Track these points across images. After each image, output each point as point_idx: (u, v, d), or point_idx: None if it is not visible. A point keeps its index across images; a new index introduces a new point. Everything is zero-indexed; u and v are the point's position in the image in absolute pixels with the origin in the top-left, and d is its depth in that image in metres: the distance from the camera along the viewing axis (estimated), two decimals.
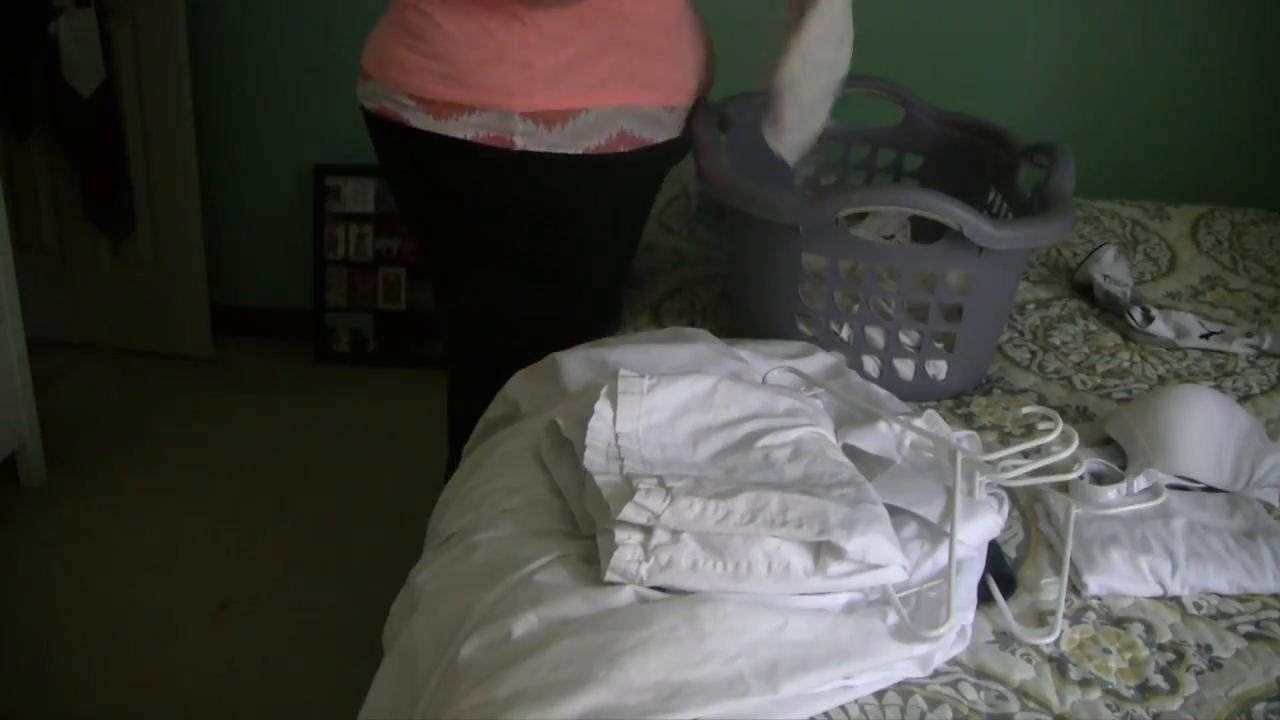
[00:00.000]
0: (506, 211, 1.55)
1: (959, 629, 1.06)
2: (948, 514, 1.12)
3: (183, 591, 2.34)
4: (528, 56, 1.45)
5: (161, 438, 2.84)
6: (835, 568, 1.03)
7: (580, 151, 1.50)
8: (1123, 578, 1.16)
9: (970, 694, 1.02)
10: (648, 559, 1.02)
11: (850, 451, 1.22)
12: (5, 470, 2.57)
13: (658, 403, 1.20)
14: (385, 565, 1.90)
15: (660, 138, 1.58)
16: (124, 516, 2.54)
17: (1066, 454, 1.25)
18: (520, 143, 1.47)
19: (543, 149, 1.48)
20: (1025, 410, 1.37)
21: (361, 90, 1.58)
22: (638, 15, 1.49)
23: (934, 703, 1.01)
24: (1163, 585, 1.16)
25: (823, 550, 1.03)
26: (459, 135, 1.47)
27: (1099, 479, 1.30)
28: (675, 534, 1.03)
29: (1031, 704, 1.02)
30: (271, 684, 2.11)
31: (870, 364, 1.50)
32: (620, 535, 1.03)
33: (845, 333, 1.50)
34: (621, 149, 1.53)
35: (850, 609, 1.04)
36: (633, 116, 1.52)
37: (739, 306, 1.60)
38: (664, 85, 1.56)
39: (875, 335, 1.49)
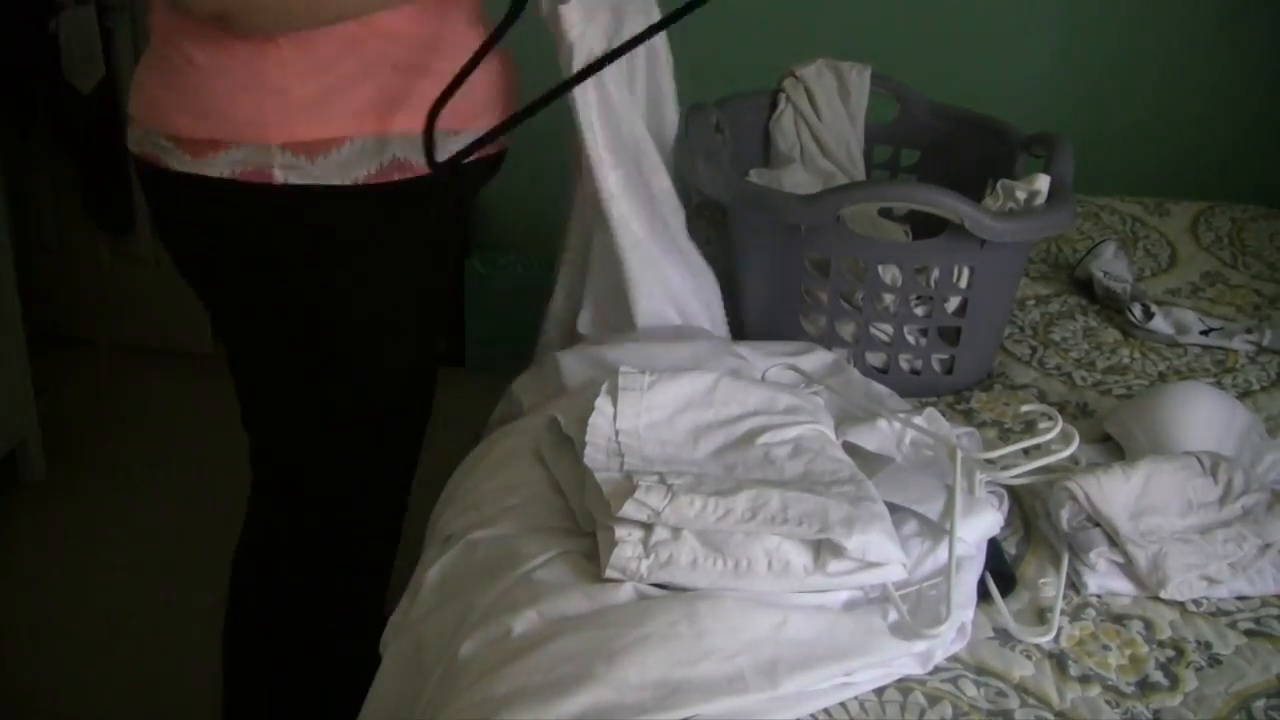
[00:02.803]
0: (275, 254, 1.37)
1: (959, 626, 1.06)
2: (948, 512, 1.12)
3: (183, 590, 2.33)
4: (284, 82, 1.28)
5: (162, 435, 2.84)
6: (835, 565, 1.03)
7: (349, 183, 1.32)
8: (1122, 577, 1.16)
9: (970, 690, 1.02)
10: (648, 556, 1.02)
11: (850, 449, 1.22)
12: (5, 468, 2.57)
13: (658, 399, 1.20)
14: None
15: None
16: (124, 514, 2.54)
17: (1066, 453, 1.25)
18: (281, 176, 1.30)
19: (308, 181, 1.31)
20: (1025, 408, 1.37)
21: (129, 137, 1.40)
22: (409, 35, 1.32)
23: (934, 699, 1.01)
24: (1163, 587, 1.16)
25: (823, 548, 1.03)
26: (215, 174, 1.31)
27: None
28: (675, 531, 1.03)
29: (1031, 700, 1.02)
30: None
31: (875, 360, 1.50)
32: (620, 532, 1.03)
33: (849, 330, 1.50)
34: (396, 177, 1.34)
35: (850, 606, 1.05)
36: (404, 144, 1.33)
37: (740, 306, 1.60)
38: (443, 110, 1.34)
39: (879, 332, 1.49)
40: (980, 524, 1.13)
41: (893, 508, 1.10)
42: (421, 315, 1.49)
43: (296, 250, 1.37)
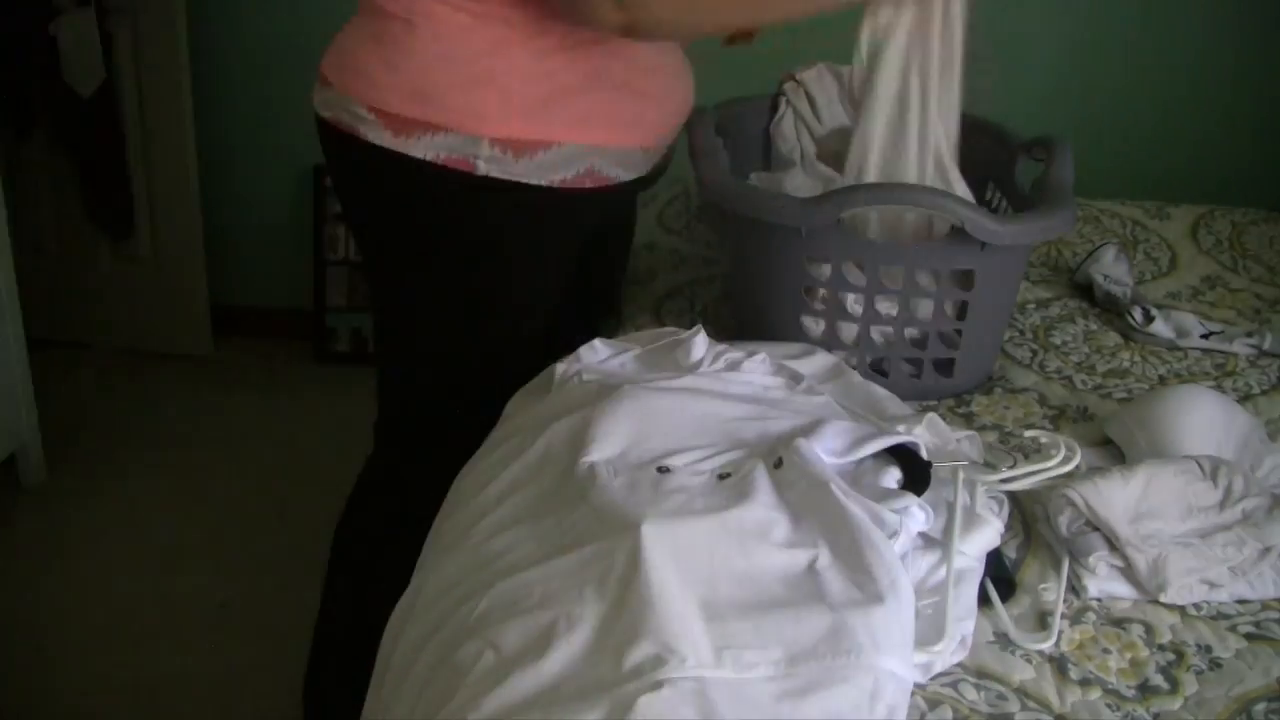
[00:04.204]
0: (457, 235, 1.47)
1: (960, 639, 1.05)
2: (948, 528, 1.12)
3: (183, 591, 2.34)
4: (511, 82, 1.37)
5: (162, 438, 2.84)
6: None
7: (545, 184, 1.42)
8: (1122, 581, 1.16)
9: (970, 694, 1.02)
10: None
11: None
12: (5, 470, 2.57)
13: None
14: None
15: (626, 177, 1.49)
16: (124, 516, 2.54)
17: (1067, 469, 1.26)
18: (483, 168, 1.39)
19: (507, 177, 1.40)
20: (1029, 434, 1.37)
21: (317, 97, 1.49)
22: (628, 55, 1.42)
23: (934, 703, 1.01)
24: (1163, 591, 1.16)
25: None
26: (418, 155, 1.39)
27: None
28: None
29: (1031, 704, 1.02)
30: (271, 684, 2.10)
31: (875, 364, 1.50)
32: None
33: (850, 333, 1.50)
34: (588, 185, 1.44)
35: None
36: (604, 155, 1.44)
37: (741, 308, 1.60)
38: (644, 127, 1.48)
39: (879, 335, 1.49)
40: (982, 539, 1.13)
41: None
42: (561, 301, 1.56)
43: (472, 232, 1.45)
